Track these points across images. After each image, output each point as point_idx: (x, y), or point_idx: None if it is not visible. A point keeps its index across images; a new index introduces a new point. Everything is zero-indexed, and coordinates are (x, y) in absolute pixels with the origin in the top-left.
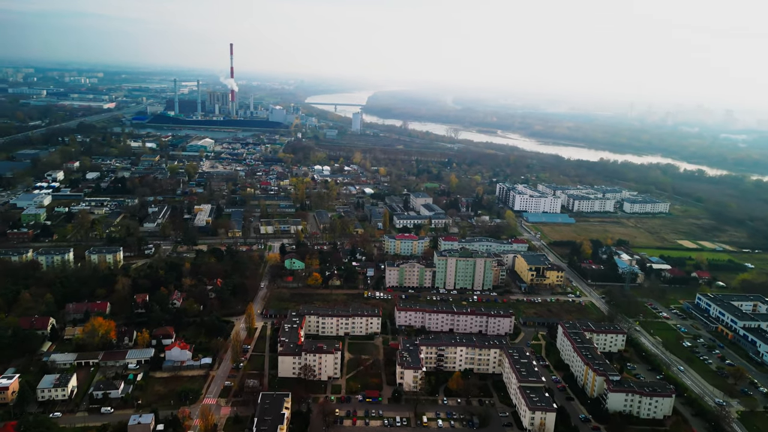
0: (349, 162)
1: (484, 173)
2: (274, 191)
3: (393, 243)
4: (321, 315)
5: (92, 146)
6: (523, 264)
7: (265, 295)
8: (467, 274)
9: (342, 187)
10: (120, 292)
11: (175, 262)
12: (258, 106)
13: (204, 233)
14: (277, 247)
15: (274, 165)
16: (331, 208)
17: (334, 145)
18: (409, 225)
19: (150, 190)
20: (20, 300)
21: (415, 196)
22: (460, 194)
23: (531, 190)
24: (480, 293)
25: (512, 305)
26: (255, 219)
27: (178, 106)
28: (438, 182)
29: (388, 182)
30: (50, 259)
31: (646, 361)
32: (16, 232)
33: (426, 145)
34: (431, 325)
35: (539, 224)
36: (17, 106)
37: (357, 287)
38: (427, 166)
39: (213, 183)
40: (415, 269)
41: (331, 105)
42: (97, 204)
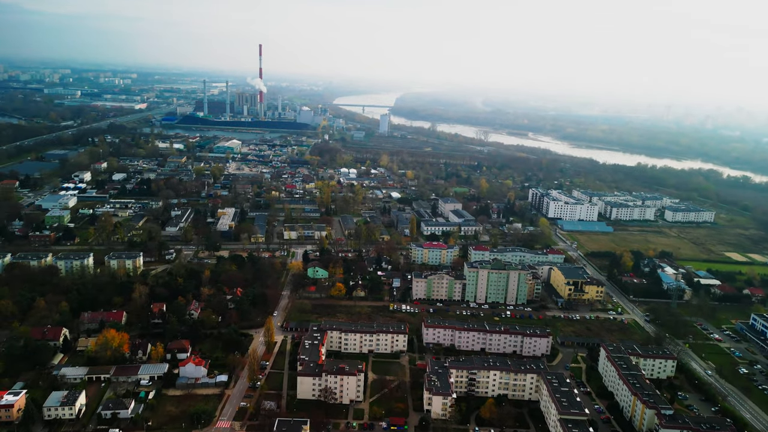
0: (375, 165)
1: (516, 177)
2: (299, 195)
3: (420, 252)
4: (344, 331)
5: (120, 147)
6: (560, 277)
7: (286, 305)
8: (500, 288)
9: (368, 191)
10: (136, 301)
11: (194, 269)
12: (286, 107)
13: (226, 238)
14: (300, 254)
15: (300, 167)
16: (356, 213)
17: (361, 147)
18: (438, 232)
19: (174, 192)
20: (35, 307)
21: (443, 202)
22: (490, 200)
23: (566, 197)
24: (513, 308)
25: (548, 322)
26: (279, 223)
27: (207, 107)
28: (467, 187)
29: (416, 186)
30: (69, 264)
31: (698, 390)
32: (38, 235)
33: (455, 148)
34: (461, 343)
35: (575, 233)
36: (51, 107)
37: (382, 299)
38: (455, 169)
39: (238, 185)
40: (444, 281)
41: (359, 106)
42: (121, 206)
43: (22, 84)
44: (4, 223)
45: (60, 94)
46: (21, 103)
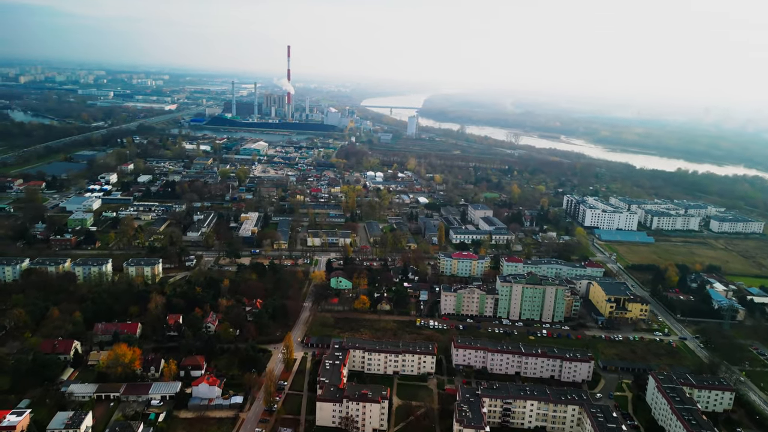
0: (403, 168)
1: (549, 183)
2: (324, 199)
3: (449, 262)
4: (367, 350)
5: (148, 148)
6: (600, 293)
7: (307, 318)
8: (535, 304)
9: (394, 196)
10: (152, 312)
11: (213, 278)
12: (313, 108)
13: (248, 244)
14: (323, 262)
15: (326, 170)
16: (382, 219)
17: (388, 150)
18: (467, 240)
19: (198, 195)
20: (48, 317)
21: (473, 208)
22: (522, 206)
23: (603, 204)
24: (550, 326)
25: (588, 343)
26: (303, 229)
27: (235, 108)
28: (498, 192)
29: (444, 191)
30: (87, 270)
31: (760, 425)
32: (59, 239)
33: (484, 151)
34: (494, 366)
35: (613, 243)
36: (84, 107)
37: (408, 313)
38: (485, 173)
39: (262, 189)
40: (475, 296)
41: (387, 108)
42: (145, 209)
43: (58, 85)
44: (26, 226)
45: (93, 95)
46: (55, 104)
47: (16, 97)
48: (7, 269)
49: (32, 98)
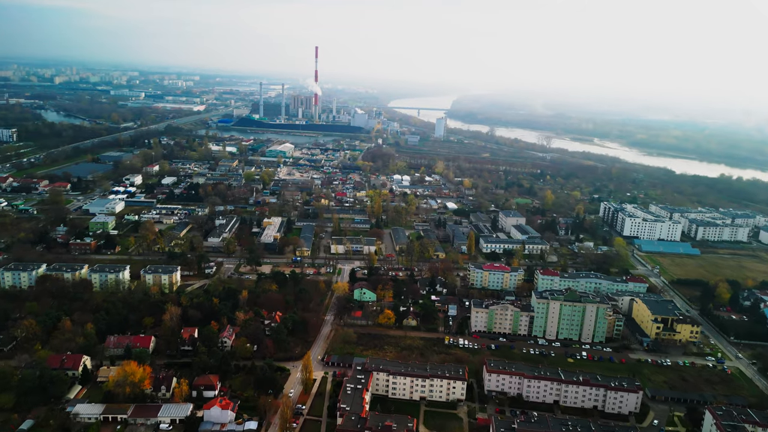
0: (430, 171)
1: (583, 188)
2: (349, 203)
3: (480, 274)
4: (392, 373)
5: (174, 149)
6: (645, 312)
7: (328, 334)
8: (574, 323)
9: (422, 201)
10: (167, 324)
11: (232, 288)
12: (341, 110)
13: (270, 251)
14: (347, 271)
15: (352, 173)
16: (409, 225)
17: (416, 153)
18: (498, 250)
19: (221, 198)
20: (60, 328)
21: (504, 215)
22: (556, 213)
23: (643, 212)
24: (590, 348)
25: (633, 367)
26: (326, 235)
27: (262, 110)
28: (530, 198)
29: (474, 196)
30: (104, 277)
31: None
32: (79, 243)
33: (515, 154)
34: (531, 393)
35: (655, 255)
36: (115, 108)
37: (436, 329)
38: (516, 178)
39: (287, 192)
40: (509, 313)
41: (414, 109)
42: (167, 212)
43: (92, 86)
44: (47, 229)
45: (124, 96)
46: (87, 104)
47: (50, 98)
48: (23, 275)
49: (65, 99)
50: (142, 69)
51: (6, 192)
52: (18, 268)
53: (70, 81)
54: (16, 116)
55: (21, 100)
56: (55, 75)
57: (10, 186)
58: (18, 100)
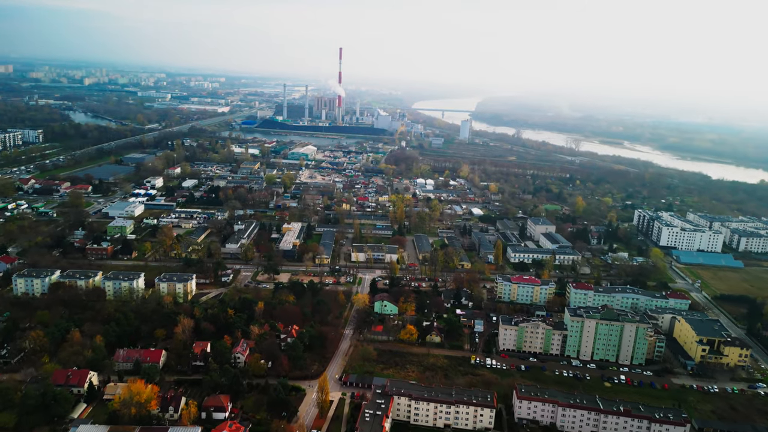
0: (455, 175)
1: (615, 194)
2: (371, 208)
3: (508, 287)
4: (414, 398)
5: (196, 151)
6: (689, 332)
7: (347, 350)
8: (611, 343)
9: (446, 206)
10: (179, 337)
11: (247, 299)
12: (364, 111)
13: (289, 258)
14: (367, 280)
15: (375, 176)
16: (432, 232)
17: (440, 156)
18: (527, 260)
19: (241, 202)
20: (69, 340)
21: (533, 223)
22: (587, 220)
23: (681, 221)
24: (629, 371)
25: (677, 394)
26: (347, 241)
27: (286, 111)
28: (559, 204)
29: (500, 201)
30: (118, 285)
31: None
32: (95, 248)
33: (542, 158)
34: (566, 423)
35: (695, 267)
36: (141, 109)
37: (462, 347)
38: (544, 182)
39: (307, 196)
40: (540, 331)
41: (438, 111)
42: (186, 216)
43: (120, 87)
44: (65, 233)
45: (151, 97)
46: (114, 105)
47: (78, 99)
48: (36, 282)
49: (94, 100)
50: (170, 71)
51: (28, 194)
52: (31, 274)
53: (100, 82)
54: (45, 117)
55: (50, 101)
56: (85, 76)
57: (32, 188)
58: (47, 101)
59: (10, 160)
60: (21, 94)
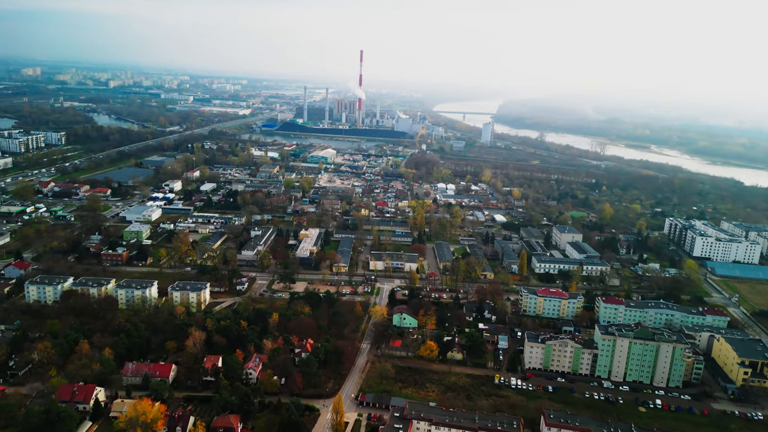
0: (476, 180)
1: (644, 201)
2: (390, 214)
3: (533, 300)
4: (435, 423)
5: (216, 154)
6: (729, 353)
7: (363, 366)
8: (645, 364)
9: (468, 212)
10: (190, 350)
11: (261, 311)
12: (384, 114)
13: (306, 266)
14: (386, 290)
15: (394, 181)
16: (453, 239)
17: (461, 159)
18: (553, 270)
19: (259, 207)
20: (77, 352)
21: (559, 231)
22: (615, 228)
23: (715, 230)
24: (664, 394)
25: (717, 421)
26: (365, 249)
27: (306, 114)
28: (585, 210)
29: (524, 208)
30: (130, 294)
31: None
32: (110, 253)
33: (566, 162)
34: None
35: (731, 280)
36: (163, 112)
37: (485, 364)
38: (570, 188)
39: (326, 201)
40: (568, 349)
41: (460, 113)
42: (203, 221)
43: (144, 89)
44: (81, 237)
45: (173, 100)
46: (137, 108)
47: (103, 101)
48: (48, 290)
49: (118, 102)
50: (193, 73)
51: (47, 197)
52: (44, 281)
53: (124, 85)
54: (69, 119)
55: (75, 104)
56: (110, 79)
57: (52, 191)
58: (72, 104)
59: (32, 163)
60: (47, 97)
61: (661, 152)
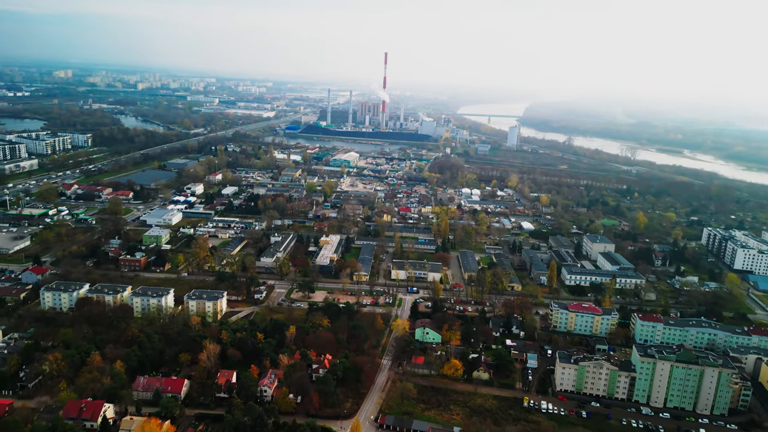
0: (502, 185)
1: (678, 208)
2: (413, 220)
3: (564, 315)
4: None
5: (239, 157)
6: None
7: (384, 384)
8: (687, 389)
9: (493, 219)
10: (203, 364)
11: (278, 323)
12: (408, 117)
13: (325, 274)
14: (408, 301)
15: (418, 185)
16: (478, 247)
17: (486, 163)
18: (584, 282)
19: (280, 211)
20: (89, 363)
21: (590, 240)
22: (649, 238)
23: (757, 241)
24: (709, 422)
25: None
26: (387, 257)
27: (330, 116)
28: (617, 218)
29: (552, 215)
30: (146, 302)
31: None
32: (129, 258)
33: (596, 167)
34: None
35: None
36: (188, 114)
37: (513, 385)
38: (600, 194)
39: (347, 206)
40: (604, 371)
41: (484, 116)
42: (224, 225)
43: (171, 92)
44: (101, 242)
45: (199, 102)
46: (164, 110)
47: (131, 103)
48: (64, 296)
49: (145, 104)
50: (219, 76)
51: (70, 199)
52: (59, 288)
53: (152, 87)
54: (96, 121)
55: (103, 106)
56: (138, 81)
57: (75, 193)
58: (100, 105)
59: (57, 164)
60: (77, 99)
61: (695, 157)
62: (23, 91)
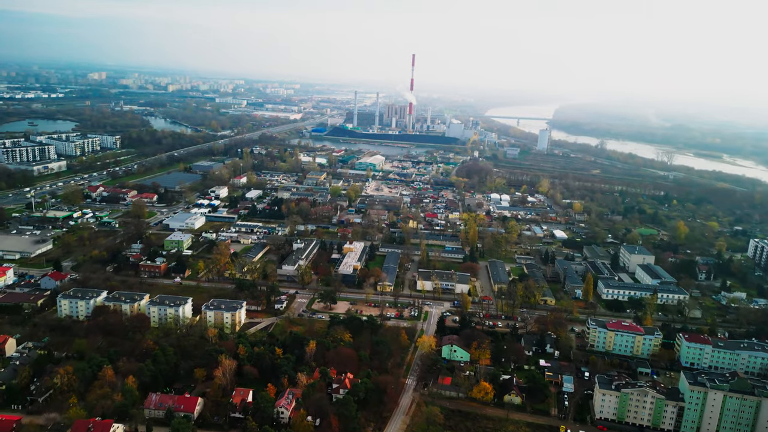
0: (533, 190)
1: (721, 217)
2: (440, 227)
3: (603, 334)
4: None
5: (264, 160)
6: None
7: (408, 407)
8: (742, 421)
9: (524, 226)
10: (218, 381)
11: (299, 336)
12: (435, 119)
13: (348, 284)
14: (434, 314)
15: (445, 190)
16: (509, 257)
17: (515, 167)
18: (622, 297)
19: (304, 216)
20: (101, 377)
21: (628, 251)
22: (691, 249)
23: None
24: None
25: None
26: (412, 266)
27: (356, 119)
28: (655, 227)
29: (586, 223)
30: (163, 311)
31: None
32: (149, 264)
33: (630, 172)
34: None
35: None
36: (216, 116)
37: (548, 411)
38: (636, 201)
39: (372, 212)
40: (648, 400)
41: (513, 119)
42: (246, 230)
43: (200, 93)
44: (122, 246)
45: (227, 104)
46: (192, 112)
47: (160, 105)
48: (81, 304)
49: (174, 106)
50: (248, 78)
51: (95, 202)
52: (77, 295)
53: (182, 89)
54: (126, 122)
55: (134, 107)
56: (169, 83)
57: (100, 195)
58: (131, 107)
59: (85, 166)
60: (109, 100)
61: (735, 162)
62: (58, 93)
